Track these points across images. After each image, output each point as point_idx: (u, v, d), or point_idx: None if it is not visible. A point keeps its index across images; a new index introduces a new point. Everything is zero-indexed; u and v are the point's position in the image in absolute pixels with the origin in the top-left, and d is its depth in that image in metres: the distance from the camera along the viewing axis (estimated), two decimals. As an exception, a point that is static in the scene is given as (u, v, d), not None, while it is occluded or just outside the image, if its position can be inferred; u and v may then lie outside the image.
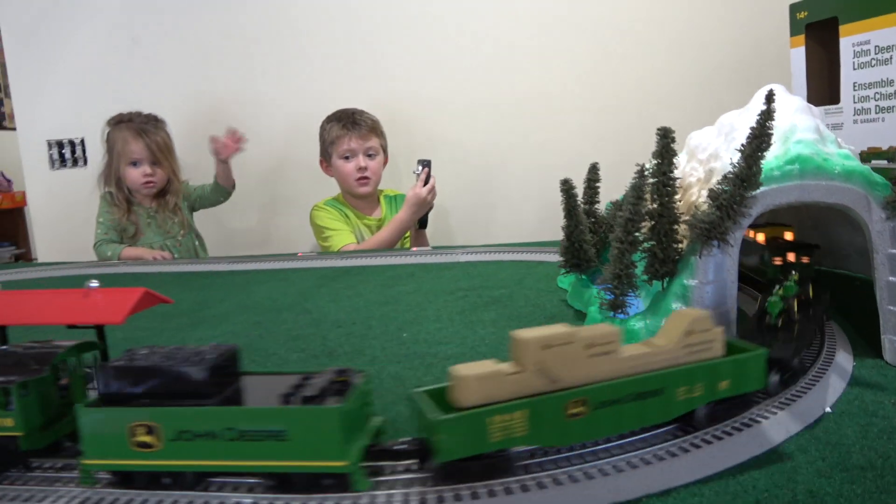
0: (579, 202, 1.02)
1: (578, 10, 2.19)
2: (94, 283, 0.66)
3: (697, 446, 0.52)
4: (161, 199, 1.88)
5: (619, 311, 0.79)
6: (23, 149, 2.48)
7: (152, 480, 0.49)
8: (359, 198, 1.95)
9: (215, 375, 0.49)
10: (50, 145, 2.46)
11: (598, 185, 1.07)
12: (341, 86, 2.27)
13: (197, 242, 1.98)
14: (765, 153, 0.69)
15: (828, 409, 0.58)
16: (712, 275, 0.72)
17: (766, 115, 0.68)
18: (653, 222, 0.78)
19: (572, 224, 0.99)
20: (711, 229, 0.71)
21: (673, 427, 0.54)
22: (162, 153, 1.82)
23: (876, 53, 1.26)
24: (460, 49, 2.23)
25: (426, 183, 1.81)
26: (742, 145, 0.70)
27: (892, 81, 1.23)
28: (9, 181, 4.45)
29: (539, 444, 0.51)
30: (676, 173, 0.92)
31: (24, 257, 4.58)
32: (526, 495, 0.47)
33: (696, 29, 2.16)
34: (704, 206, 0.73)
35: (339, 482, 0.47)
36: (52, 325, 0.62)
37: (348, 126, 1.90)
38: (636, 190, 0.78)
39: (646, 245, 0.77)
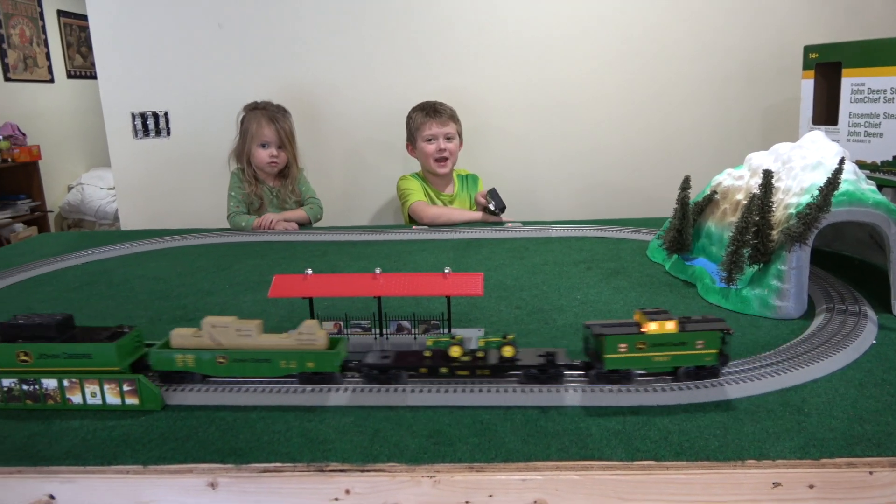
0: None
1: (609, 21, 2.60)
2: (448, 269, 1.07)
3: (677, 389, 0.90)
4: (282, 179, 2.20)
5: (732, 283, 1.26)
6: (107, 119, 2.73)
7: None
8: (437, 176, 2.35)
9: (60, 328, 0.92)
10: (134, 116, 2.72)
11: (689, 190, 1.50)
12: (407, 78, 2.62)
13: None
14: (834, 193, 1.16)
15: (873, 341, 1.07)
16: (795, 262, 1.20)
17: (839, 171, 1.14)
18: (755, 228, 1.24)
19: (683, 219, 1.44)
20: (799, 236, 1.18)
21: (671, 376, 0.91)
22: (287, 139, 2.14)
23: (868, 93, 1.74)
24: (508, 49, 2.62)
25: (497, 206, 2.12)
26: (821, 187, 1.17)
27: (877, 115, 1.73)
28: (23, 134, 4.52)
29: (200, 372, 0.93)
30: (740, 184, 1.39)
31: (40, 209, 4.71)
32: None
33: (720, 49, 2.61)
34: (793, 222, 1.20)
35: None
36: (433, 296, 1.05)
37: (431, 114, 2.28)
38: (747, 210, 1.24)
39: (752, 243, 1.24)
